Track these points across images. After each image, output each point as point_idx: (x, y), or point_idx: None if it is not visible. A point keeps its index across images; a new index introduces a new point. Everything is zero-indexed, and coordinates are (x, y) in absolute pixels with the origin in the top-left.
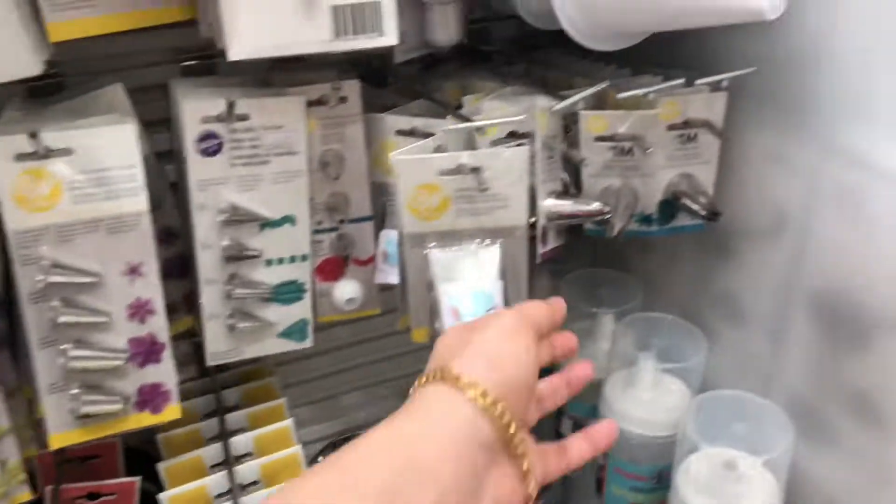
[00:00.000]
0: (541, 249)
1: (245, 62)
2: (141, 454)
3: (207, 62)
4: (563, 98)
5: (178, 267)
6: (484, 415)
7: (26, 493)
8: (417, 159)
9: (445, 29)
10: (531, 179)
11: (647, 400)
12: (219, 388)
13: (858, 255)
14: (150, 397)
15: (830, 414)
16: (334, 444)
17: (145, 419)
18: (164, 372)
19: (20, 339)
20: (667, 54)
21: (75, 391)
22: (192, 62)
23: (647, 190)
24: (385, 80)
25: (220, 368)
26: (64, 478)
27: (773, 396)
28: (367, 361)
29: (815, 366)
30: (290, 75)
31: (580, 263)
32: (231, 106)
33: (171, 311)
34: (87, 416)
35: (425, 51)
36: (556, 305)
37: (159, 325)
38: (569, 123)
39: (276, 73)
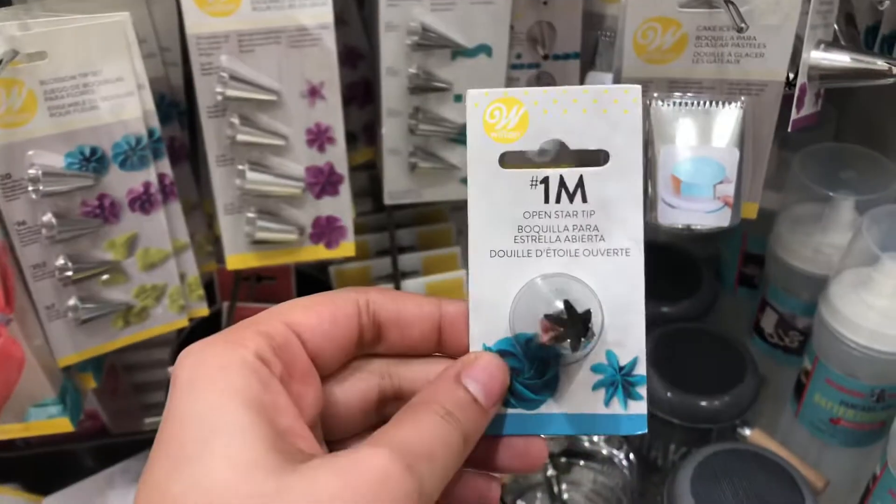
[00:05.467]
0: (795, 115)
1: None
2: (312, 281)
3: None
4: None
5: (362, 93)
6: None
7: (203, 309)
8: None
9: None
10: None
11: (882, 308)
12: (394, 227)
13: None
14: (326, 231)
15: None
16: None
17: (320, 252)
18: (341, 206)
19: (201, 154)
20: None
21: (251, 215)
22: None
23: None
24: None
25: (397, 206)
26: (239, 296)
27: None
28: None
29: None
30: None
31: (820, 135)
32: None
33: (351, 140)
34: (261, 241)
35: None
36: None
37: (339, 155)
38: None
39: None
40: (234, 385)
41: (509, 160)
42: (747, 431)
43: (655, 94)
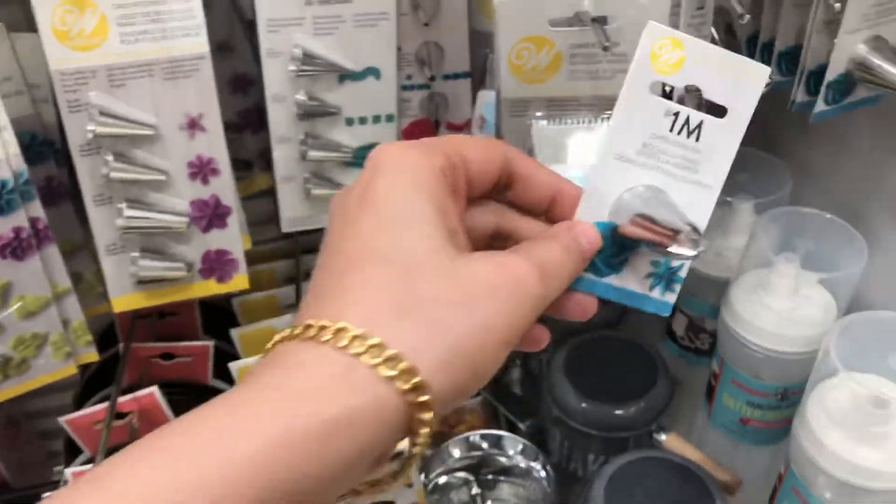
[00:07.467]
0: None
1: None
2: (219, 311)
3: None
4: None
5: (255, 119)
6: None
7: (93, 354)
8: (523, 3)
9: None
10: None
11: (780, 310)
12: (300, 253)
13: None
14: (216, 265)
15: None
16: None
17: (212, 287)
18: (231, 238)
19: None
20: None
21: (135, 254)
22: None
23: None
24: None
25: (301, 232)
26: (140, 335)
27: None
28: None
29: None
30: None
31: None
32: None
33: (247, 167)
34: (148, 280)
35: None
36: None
37: (224, 187)
38: None
39: None
40: (426, 184)
41: None
42: (663, 437)
43: (538, 114)
